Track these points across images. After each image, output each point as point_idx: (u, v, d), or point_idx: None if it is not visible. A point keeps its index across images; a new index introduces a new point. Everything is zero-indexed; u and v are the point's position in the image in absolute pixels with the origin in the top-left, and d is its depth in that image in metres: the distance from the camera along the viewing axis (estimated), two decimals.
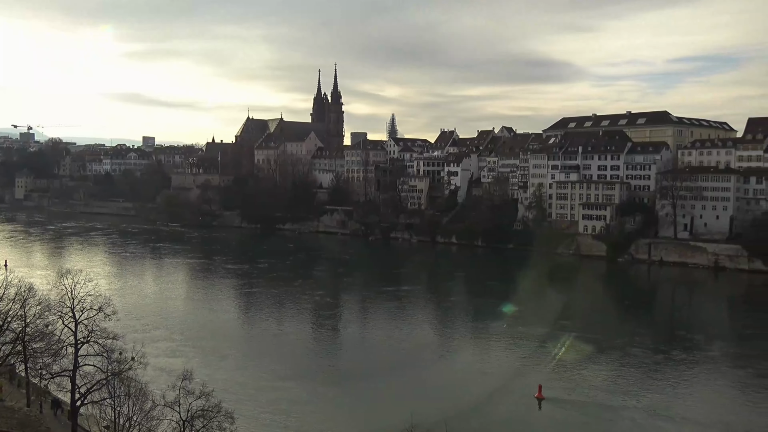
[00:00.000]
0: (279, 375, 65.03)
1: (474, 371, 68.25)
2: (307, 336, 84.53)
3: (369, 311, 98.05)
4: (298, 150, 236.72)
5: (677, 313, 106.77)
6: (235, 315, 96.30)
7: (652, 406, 57.50)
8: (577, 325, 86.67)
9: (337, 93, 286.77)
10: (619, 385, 63.87)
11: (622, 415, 56.26)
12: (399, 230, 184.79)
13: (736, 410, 56.93)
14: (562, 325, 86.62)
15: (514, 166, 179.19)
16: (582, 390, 61.94)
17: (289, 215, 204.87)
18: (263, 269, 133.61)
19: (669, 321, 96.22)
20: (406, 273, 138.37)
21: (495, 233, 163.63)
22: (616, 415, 56.30)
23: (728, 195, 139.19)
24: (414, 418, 41.60)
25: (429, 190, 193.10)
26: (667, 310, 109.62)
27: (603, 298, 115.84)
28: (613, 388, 63.06)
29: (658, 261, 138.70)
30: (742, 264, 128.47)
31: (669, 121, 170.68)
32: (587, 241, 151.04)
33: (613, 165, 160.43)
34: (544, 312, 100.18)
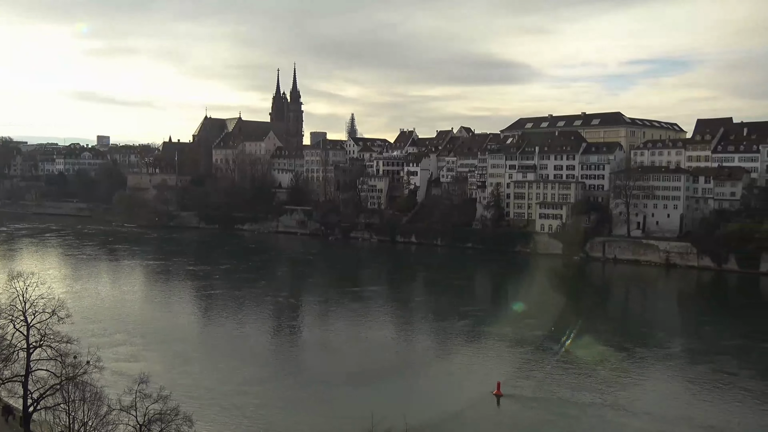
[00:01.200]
0: (245, 379, 64.48)
1: (434, 370, 68.84)
2: (272, 338, 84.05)
3: (332, 312, 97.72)
4: (257, 149, 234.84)
5: (635, 310, 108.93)
6: (198, 317, 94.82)
7: (616, 402, 58.25)
8: (537, 323, 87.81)
9: (296, 92, 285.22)
10: (581, 382, 64.66)
11: (584, 411, 56.94)
12: (359, 230, 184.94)
13: (699, 405, 58.22)
14: (523, 323, 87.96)
15: (472, 165, 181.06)
16: (541, 387, 62.78)
17: (248, 215, 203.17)
18: (225, 270, 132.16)
19: (627, 318, 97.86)
20: (367, 273, 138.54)
21: (454, 233, 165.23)
22: (577, 411, 57.00)
23: (678, 194, 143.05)
24: (374, 417, 41.66)
25: (389, 189, 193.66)
26: (624, 307, 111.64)
27: (562, 296, 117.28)
28: (574, 384, 63.84)
29: (612, 259, 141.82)
30: (691, 261, 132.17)
31: (622, 122, 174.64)
32: (544, 239, 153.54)
33: (568, 165, 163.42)
34: (505, 310, 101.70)
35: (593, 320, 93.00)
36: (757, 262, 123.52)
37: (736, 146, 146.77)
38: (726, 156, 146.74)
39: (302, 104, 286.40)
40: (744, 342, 77.75)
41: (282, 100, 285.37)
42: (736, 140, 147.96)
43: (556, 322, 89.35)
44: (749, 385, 62.82)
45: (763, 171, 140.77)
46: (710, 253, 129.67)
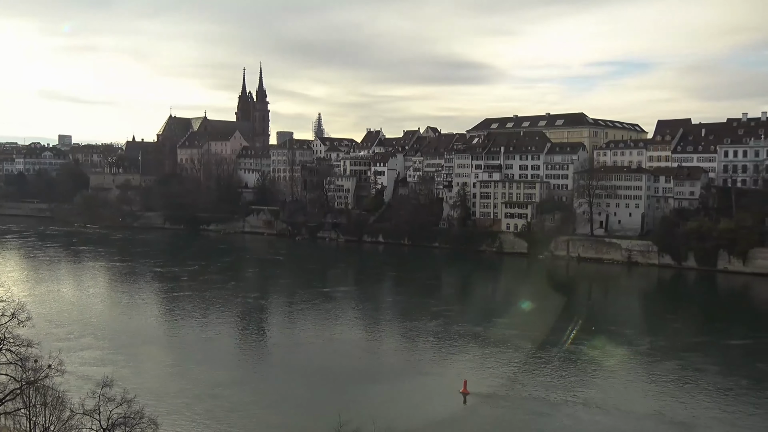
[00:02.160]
0: (213, 381, 63.37)
1: (403, 369, 68.70)
2: (241, 341, 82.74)
3: (301, 313, 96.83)
4: (223, 149, 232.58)
5: (602, 308, 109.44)
6: (166, 320, 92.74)
7: (588, 400, 58.56)
8: (506, 322, 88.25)
9: (262, 91, 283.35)
10: (551, 380, 64.91)
11: (556, 409, 57.16)
12: (326, 230, 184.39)
13: (668, 401, 58.75)
14: (491, 321, 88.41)
15: (439, 165, 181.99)
16: (509, 385, 62.92)
17: (214, 216, 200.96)
18: (193, 272, 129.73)
19: (595, 316, 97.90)
20: (335, 273, 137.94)
21: (421, 232, 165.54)
22: (549, 409, 57.21)
23: (640, 193, 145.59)
24: (342, 417, 41.68)
25: (356, 189, 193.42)
26: (591, 305, 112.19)
27: (529, 295, 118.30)
28: (544, 382, 64.09)
29: (576, 257, 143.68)
30: (652, 259, 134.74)
31: (585, 122, 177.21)
32: (509, 238, 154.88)
33: (533, 165, 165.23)
34: (473, 310, 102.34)
35: (561, 319, 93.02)
36: (715, 259, 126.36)
37: (694, 147, 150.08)
38: (685, 156, 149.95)
39: (268, 103, 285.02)
40: (708, 339, 79.07)
41: (248, 100, 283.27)
42: (695, 141, 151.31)
43: (524, 321, 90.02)
44: (715, 381, 63.75)
45: (720, 171, 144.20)
46: (670, 251, 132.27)
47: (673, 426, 53.47)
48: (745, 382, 63.35)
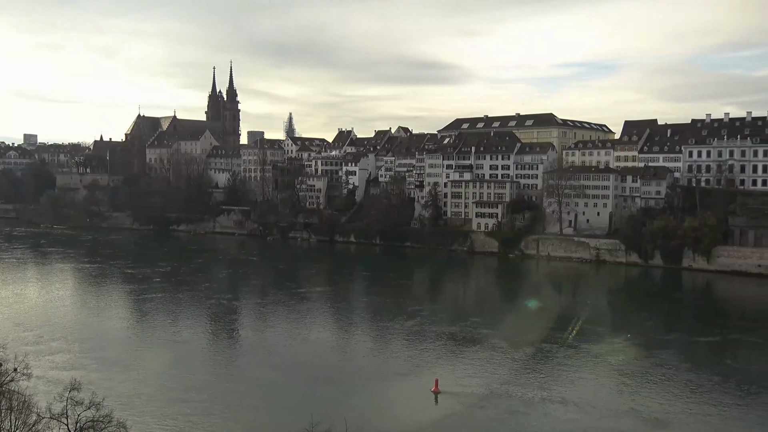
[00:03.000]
0: (186, 385, 62.33)
1: (375, 369, 68.38)
2: (214, 342, 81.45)
3: (274, 314, 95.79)
4: (193, 149, 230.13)
5: (574, 306, 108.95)
6: (139, 322, 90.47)
7: (564, 398, 58.69)
8: (481, 321, 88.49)
9: (232, 91, 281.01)
10: (526, 379, 64.87)
11: (532, 407, 57.13)
12: (297, 230, 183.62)
13: (643, 398, 59.07)
14: (464, 321, 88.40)
15: (410, 165, 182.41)
16: (483, 383, 62.84)
17: (184, 216, 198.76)
18: (166, 273, 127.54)
19: (568, 314, 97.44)
20: (308, 273, 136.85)
21: (393, 232, 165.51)
22: (524, 407, 57.19)
23: (608, 193, 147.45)
24: (314, 417, 41.69)
25: (327, 189, 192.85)
26: (563, 304, 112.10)
27: (502, 294, 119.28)
28: (519, 381, 63.97)
29: (545, 256, 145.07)
30: (620, 257, 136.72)
31: (554, 123, 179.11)
32: (480, 238, 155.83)
33: (503, 165, 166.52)
34: (446, 309, 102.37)
35: (534, 317, 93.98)
36: (680, 257, 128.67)
37: (660, 147, 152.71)
38: (651, 156, 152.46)
39: (239, 103, 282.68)
40: (678, 336, 79.98)
41: (218, 99, 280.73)
42: (661, 141, 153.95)
43: (497, 320, 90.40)
44: (687, 377, 64.46)
45: (685, 170, 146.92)
46: (637, 249, 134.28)
47: (648, 422, 53.81)
48: (716, 378, 64.11)
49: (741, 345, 77.64)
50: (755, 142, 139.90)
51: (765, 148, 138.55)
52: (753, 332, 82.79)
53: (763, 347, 77.08)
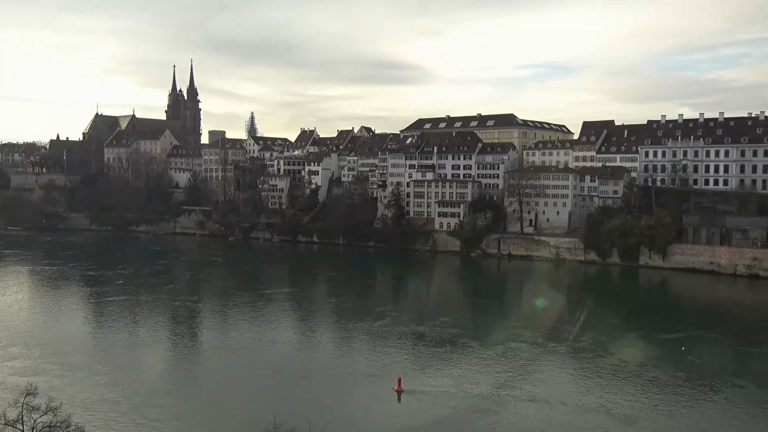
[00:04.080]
0: (149, 389, 60.69)
1: (338, 369, 67.84)
2: (177, 346, 79.40)
3: (237, 315, 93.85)
4: (153, 148, 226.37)
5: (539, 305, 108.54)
6: (103, 326, 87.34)
7: (534, 396, 58.69)
8: (441, 320, 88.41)
9: (193, 90, 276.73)
10: (493, 376, 64.71)
11: (503, 405, 57.00)
12: (260, 230, 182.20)
13: (612, 395, 59.35)
14: (427, 320, 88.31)
15: (373, 165, 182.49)
16: (448, 382, 62.68)
17: (144, 216, 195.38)
18: (128, 275, 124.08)
19: (534, 313, 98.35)
20: (273, 274, 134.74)
21: (355, 232, 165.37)
22: (495, 405, 57.05)
23: (567, 192, 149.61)
24: (277, 419, 41.56)
25: (290, 189, 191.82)
26: (527, 302, 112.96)
27: (466, 293, 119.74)
28: (485, 379, 63.84)
29: (507, 255, 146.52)
30: (579, 255, 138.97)
31: (515, 123, 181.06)
32: (443, 237, 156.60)
33: (465, 164, 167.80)
34: (409, 309, 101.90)
35: (501, 316, 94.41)
36: (637, 255, 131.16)
37: (617, 147, 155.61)
38: (609, 156, 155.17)
39: (200, 102, 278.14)
40: (643, 333, 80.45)
41: (179, 98, 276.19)
42: (618, 142, 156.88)
43: (463, 319, 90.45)
44: (653, 374, 64.98)
45: (641, 170, 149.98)
46: (595, 247, 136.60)
47: (617, 419, 54.10)
48: (681, 374, 64.87)
49: (702, 341, 78.69)
50: (707, 142, 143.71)
51: (716, 149, 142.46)
52: (711, 328, 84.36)
53: (723, 343, 78.44)
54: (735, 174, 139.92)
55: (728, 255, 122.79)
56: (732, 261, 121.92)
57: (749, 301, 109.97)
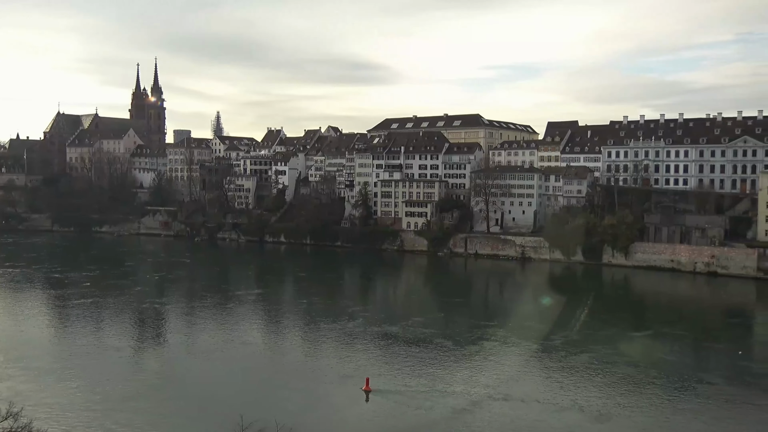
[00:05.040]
0: (116, 394, 59.04)
1: (306, 370, 66.89)
2: (152, 348, 77.62)
3: (208, 317, 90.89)
4: (116, 147, 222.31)
5: (508, 303, 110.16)
6: (70, 330, 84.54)
7: (508, 394, 58.43)
8: (410, 319, 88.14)
9: (157, 88, 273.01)
10: (466, 376, 64.34)
11: (476, 404, 56.60)
12: (226, 230, 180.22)
13: (586, 393, 59.38)
14: (396, 320, 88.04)
15: (340, 165, 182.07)
16: (417, 381, 62.31)
17: (107, 217, 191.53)
18: (95, 277, 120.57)
19: (506, 312, 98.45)
20: (240, 275, 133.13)
21: (323, 231, 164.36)
22: (469, 404, 56.68)
23: (532, 192, 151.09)
24: (244, 420, 41.44)
25: (256, 189, 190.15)
26: (498, 301, 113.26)
27: (432, 292, 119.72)
28: (459, 378, 63.49)
29: (474, 254, 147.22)
30: (544, 254, 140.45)
31: (481, 123, 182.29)
32: (410, 236, 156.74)
33: (432, 164, 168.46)
34: (377, 309, 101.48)
35: (470, 315, 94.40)
36: (600, 254, 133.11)
37: (581, 147, 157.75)
38: (573, 156, 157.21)
39: (164, 101, 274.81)
40: (614, 331, 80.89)
41: (143, 97, 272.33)
42: (582, 142, 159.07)
43: (432, 318, 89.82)
44: (626, 372, 65.24)
45: (604, 170, 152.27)
46: (560, 246, 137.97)
47: (592, 416, 54.11)
48: (653, 372, 65.27)
49: (671, 338, 79.30)
50: (668, 143, 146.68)
51: (677, 149, 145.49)
52: (677, 325, 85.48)
53: (691, 339, 79.35)
54: (694, 174, 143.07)
55: (688, 253, 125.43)
56: (691, 259, 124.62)
57: (708, 297, 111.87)
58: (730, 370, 67.18)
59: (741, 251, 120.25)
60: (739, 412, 56.10)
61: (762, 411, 56.64)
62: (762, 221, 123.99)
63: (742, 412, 55.94)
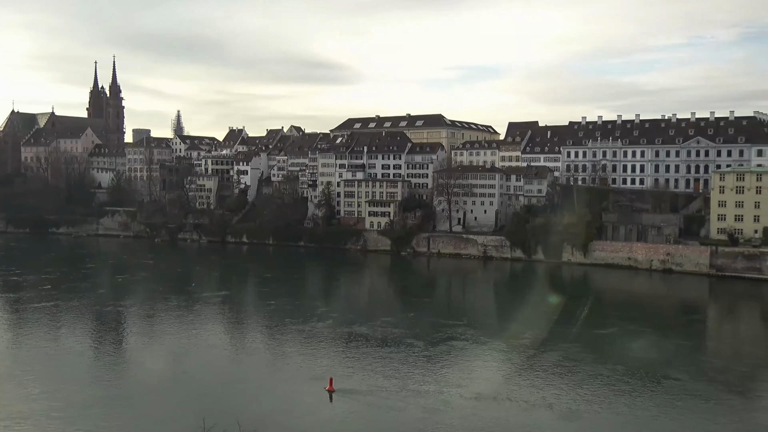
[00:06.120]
0: (88, 401, 57.02)
1: (269, 371, 65.66)
2: (116, 353, 74.91)
3: (172, 319, 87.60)
4: (73, 147, 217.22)
5: (474, 302, 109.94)
6: (30, 334, 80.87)
7: (479, 393, 58.01)
8: (375, 319, 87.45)
9: (116, 87, 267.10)
10: (435, 375, 63.79)
11: (445, 404, 56.15)
12: (187, 231, 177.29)
13: (556, 391, 59.05)
14: (362, 319, 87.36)
15: (303, 165, 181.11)
16: (385, 381, 61.65)
17: (64, 218, 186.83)
18: (55, 279, 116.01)
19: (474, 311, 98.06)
20: (203, 276, 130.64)
21: (286, 232, 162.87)
22: (440, 404, 56.19)
23: (494, 191, 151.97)
24: (206, 422, 41.09)
25: (218, 189, 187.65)
26: (464, 300, 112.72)
27: (397, 291, 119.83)
28: (428, 378, 62.84)
29: (436, 253, 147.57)
30: (505, 253, 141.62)
31: (443, 123, 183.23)
32: (373, 236, 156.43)
33: (395, 164, 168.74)
34: (343, 308, 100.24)
35: (437, 314, 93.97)
36: (560, 252, 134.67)
37: (541, 147, 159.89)
38: (533, 156, 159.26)
39: (123, 99, 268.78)
40: (579, 329, 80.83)
41: (101, 95, 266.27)
42: (542, 142, 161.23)
43: (397, 318, 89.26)
44: (594, 370, 65.22)
45: (563, 170, 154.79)
46: (521, 245, 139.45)
47: (563, 414, 53.88)
48: (620, 369, 65.30)
49: (635, 335, 79.70)
50: (625, 143, 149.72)
51: (633, 149, 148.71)
52: (638, 322, 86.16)
53: (653, 336, 79.71)
54: (650, 173, 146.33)
55: (644, 251, 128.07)
56: (648, 256, 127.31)
57: (665, 294, 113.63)
58: (693, 366, 67.86)
59: (694, 249, 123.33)
60: (705, 407, 56.52)
61: (726, 406, 56.95)
62: (714, 220, 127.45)
63: (708, 408, 56.40)
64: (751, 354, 75.90)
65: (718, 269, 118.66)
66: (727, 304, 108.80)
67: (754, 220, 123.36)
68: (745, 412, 56.39)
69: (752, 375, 67.19)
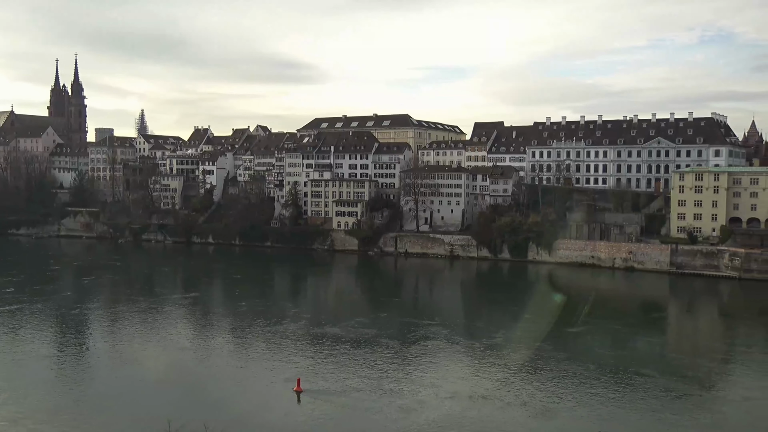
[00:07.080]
0: (54, 406, 55.41)
1: (235, 372, 64.11)
2: (82, 356, 72.72)
3: (138, 321, 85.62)
4: (34, 146, 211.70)
5: (443, 301, 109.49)
6: None
7: (455, 392, 57.62)
8: (340, 318, 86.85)
9: (78, 85, 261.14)
10: (410, 376, 63.27)
11: (420, 403, 55.70)
12: (151, 231, 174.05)
13: (530, 389, 58.95)
14: (327, 319, 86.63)
15: (270, 164, 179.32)
16: (356, 381, 60.97)
17: (24, 218, 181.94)
18: (18, 282, 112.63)
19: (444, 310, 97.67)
20: (170, 278, 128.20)
21: (252, 232, 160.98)
22: (415, 403, 55.73)
23: (460, 191, 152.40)
24: (172, 425, 40.16)
25: (183, 189, 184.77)
26: (433, 299, 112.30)
27: (364, 291, 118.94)
28: (402, 378, 62.35)
29: (404, 252, 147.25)
30: (472, 252, 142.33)
31: (410, 123, 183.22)
32: (341, 236, 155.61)
33: (362, 164, 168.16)
34: (310, 309, 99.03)
35: (406, 313, 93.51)
36: (525, 251, 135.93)
37: (507, 147, 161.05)
38: (499, 156, 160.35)
39: (85, 98, 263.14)
40: (549, 327, 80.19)
41: (62, 94, 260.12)
42: (507, 142, 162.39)
43: (367, 318, 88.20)
44: (567, 368, 65.17)
45: (529, 170, 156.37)
46: (487, 244, 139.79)
47: (538, 412, 53.63)
48: (592, 366, 65.35)
49: (603, 332, 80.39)
50: (588, 143, 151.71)
51: (596, 149, 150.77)
52: (605, 319, 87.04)
53: (621, 333, 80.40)
54: (612, 173, 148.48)
55: (607, 249, 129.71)
56: (610, 255, 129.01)
57: (628, 292, 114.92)
58: (661, 362, 68.55)
59: (655, 247, 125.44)
60: (676, 402, 56.98)
61: (695, 400, 57.57)
62: (674, 218, 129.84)
63: (678, 403, 56.88)
64: (713, 349, 77.30)
65: (678, 267, 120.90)
66: (687, 300, 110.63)
67: (712, 219, 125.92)
68: (714, 405, 57.04)
69: (717, 369, 68.13)
